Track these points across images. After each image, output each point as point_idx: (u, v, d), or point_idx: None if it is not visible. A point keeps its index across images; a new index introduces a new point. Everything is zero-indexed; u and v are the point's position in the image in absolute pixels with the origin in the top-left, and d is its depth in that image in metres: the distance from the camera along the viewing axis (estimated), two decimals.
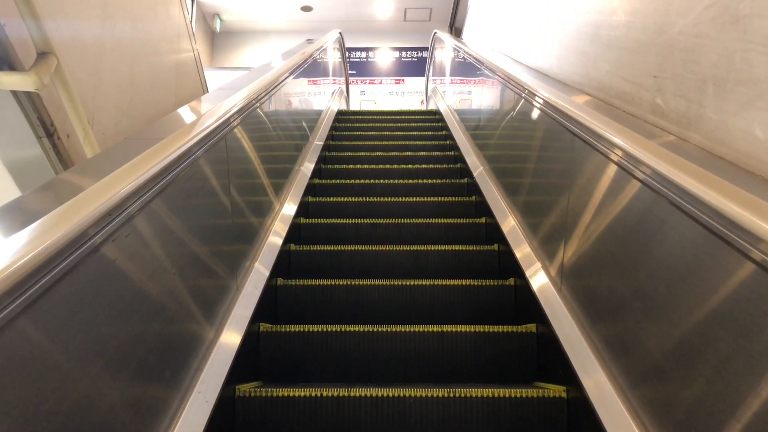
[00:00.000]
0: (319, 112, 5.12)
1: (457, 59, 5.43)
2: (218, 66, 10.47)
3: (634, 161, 1.43)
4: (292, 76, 3.55)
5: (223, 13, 10.50)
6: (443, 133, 5.18)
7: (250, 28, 11.00)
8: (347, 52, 11.00)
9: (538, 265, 2.20)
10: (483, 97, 3.91)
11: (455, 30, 10.79)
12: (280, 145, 2.96)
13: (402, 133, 5.13)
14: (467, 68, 4.70)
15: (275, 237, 2.55)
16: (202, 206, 1.67)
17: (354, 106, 10.68)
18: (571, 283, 1.86)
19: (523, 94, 2.76)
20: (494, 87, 3.52)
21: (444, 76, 6.51)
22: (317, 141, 4.37)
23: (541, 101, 2.37)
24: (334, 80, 6.56)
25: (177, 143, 1.49)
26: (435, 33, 6.77)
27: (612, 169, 1.59)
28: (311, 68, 4.76)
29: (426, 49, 11.01)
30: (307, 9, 10.41)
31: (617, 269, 1.49)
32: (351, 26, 10.89)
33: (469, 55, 4.25)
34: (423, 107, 10.70)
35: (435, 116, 6.06)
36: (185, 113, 2.01)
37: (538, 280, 2.12)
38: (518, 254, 2.42)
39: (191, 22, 9.88)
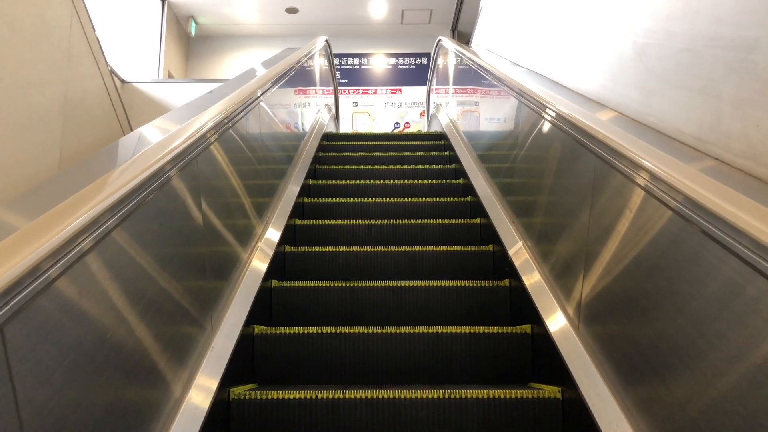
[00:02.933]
0: (299, 137, 4.09)
1: (466, 73, 4.39)
2: (194, 78, 9.34)
3: None
4: (261, 99, 2.55)
5: (198, 15, 9.42)
6: (453, 166, 4.14)
7: (229, 32, 9.92)
8: (338, 59, 9.96)
9: None
10: (513, 139, 2.87)
11: (458, 34, 9.74)
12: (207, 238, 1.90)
13: (402, 167, 4.10)
14: (487, 90, 3.66)
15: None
16: None
17: (345, 120, 9.64)
18: None
19: (618, 163, 1.72)
20: (537, 127, 2.48)
21: (448, 87, 5.47)
22: (290, 189, 3.32)
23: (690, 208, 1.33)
24: (321, 93, 5.53)
25: None
26: (439, 40, 5.72)
27: None
28: (288, 85, 3.73)
29: (426, 55, 9.98)
30: (292, 11, 9.35)
31: None
32: (342, 30, 9.84)
33: (497, 77, 3.19)
34: (423, 119, 9.68)
35: (440, 141, 5.02)
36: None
37: None
38: None
39: (162, 25, 8.83)
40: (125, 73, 7.39)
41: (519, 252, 2.40)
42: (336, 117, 6.48)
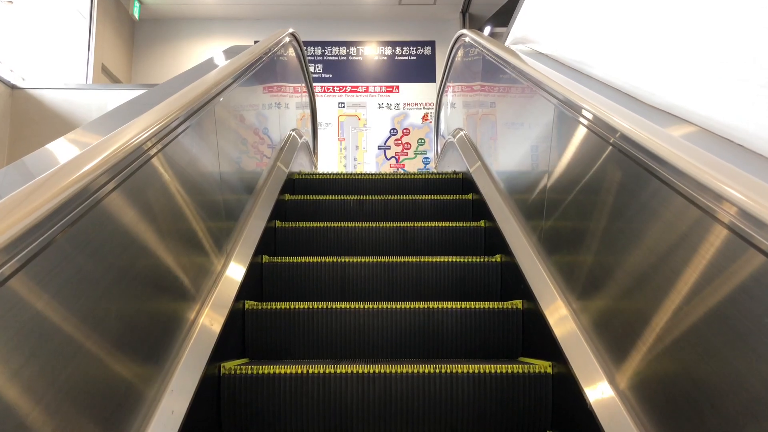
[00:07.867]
0: (240, 204, 2.35)
1: (515, 95, 2.59)
2: (140, 83, 7.27)
3: None
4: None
5: None
6: (514, 305, 2.37)
7: (183, 14, 7.95)
8: (319, 48, 8.07)
9: None
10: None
11: (470, 17, 7.86)
12: None
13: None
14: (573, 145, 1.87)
15: None
16: None
17: (330, 125, 7.81)
18: None
19: None
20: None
21: (476, 111, 3.64)
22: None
23: None
24: (286, 111, 3.75)
25: None
26: (461, 35, 3.87)
27: None
28: (227, 113, 2.03)
29: (430, 43, 8.10)
30: None
31: None
32: (324, 12, 7.93)
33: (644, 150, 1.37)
34: (426, 123, 7.86)
35: (478, 223, 3.24)
36: None
37: None
38: None
39: (92, 4, 6.88)
40: (32, 73, 5.53)
41: None
42: (311, 147, 4.61)
